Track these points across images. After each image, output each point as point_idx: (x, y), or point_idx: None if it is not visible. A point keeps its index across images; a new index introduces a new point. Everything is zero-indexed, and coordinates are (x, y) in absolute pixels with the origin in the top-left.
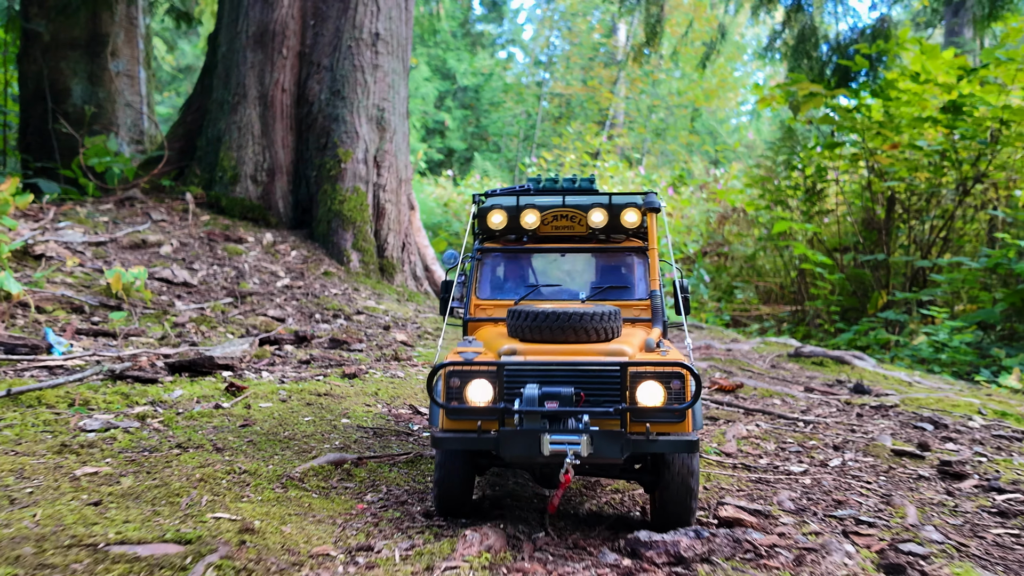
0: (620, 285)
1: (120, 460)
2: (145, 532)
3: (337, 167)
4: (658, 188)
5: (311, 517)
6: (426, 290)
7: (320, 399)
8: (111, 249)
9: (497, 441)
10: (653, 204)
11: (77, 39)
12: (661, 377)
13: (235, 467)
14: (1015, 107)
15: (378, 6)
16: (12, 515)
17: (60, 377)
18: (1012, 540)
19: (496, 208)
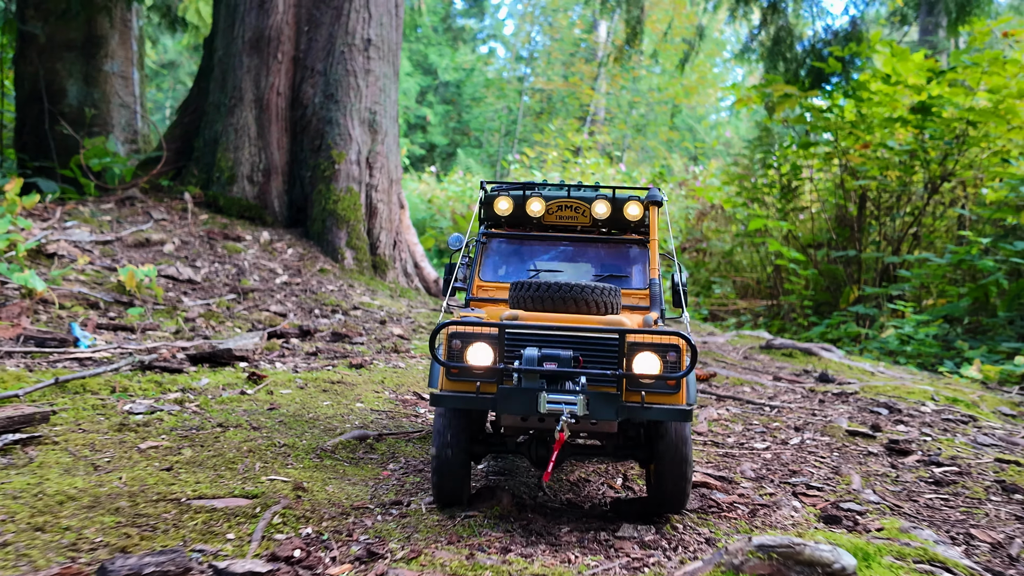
0: (620, 274)
1: (173, 436)
2: (215, 490)
3: (331, 168)
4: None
5: (347, 480)
6: (416, 286)
7: (334, 386)
8: (117, 247)
9: (495, 400)
10: (655, 198)
11: (73, 41)
12: (658, 348)
13: (275, 442)
14: (980, 109)
15: (370, 13)
16: (102, 478)
17: (93, 368)
18: (941, 503)
19: (503, 195)
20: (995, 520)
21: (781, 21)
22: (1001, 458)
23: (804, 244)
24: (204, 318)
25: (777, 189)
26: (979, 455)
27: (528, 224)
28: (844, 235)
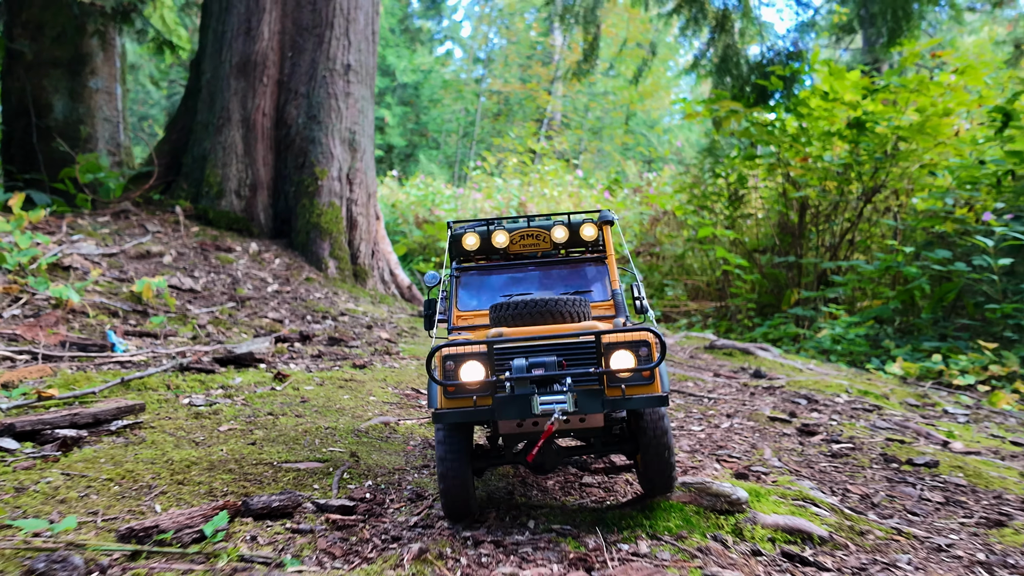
0: (584, 290)
1: (240, 421)
2: (294, 456)
3: (314, 184)
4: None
5: (384, 452)
6: (393, 292)
7: (348, 383)
8: (122, 259)
9: (492, 410)
10: (607, 218)
11: (59, 58)
12: (630, 345)
13: (319, 425)
14: (908, 125)
15: (349, 40)
16: (208, 450)
17: (142, 371)
18: (832, 469)
19: (469, 231)
20: (870, 480)
21: (728, 40)
22: (891, 438)
23: (750, 250)
24: (213, 324)
25: (725, 197)
26: (873, 435)
27: (495, 255)
28: (786, 241)
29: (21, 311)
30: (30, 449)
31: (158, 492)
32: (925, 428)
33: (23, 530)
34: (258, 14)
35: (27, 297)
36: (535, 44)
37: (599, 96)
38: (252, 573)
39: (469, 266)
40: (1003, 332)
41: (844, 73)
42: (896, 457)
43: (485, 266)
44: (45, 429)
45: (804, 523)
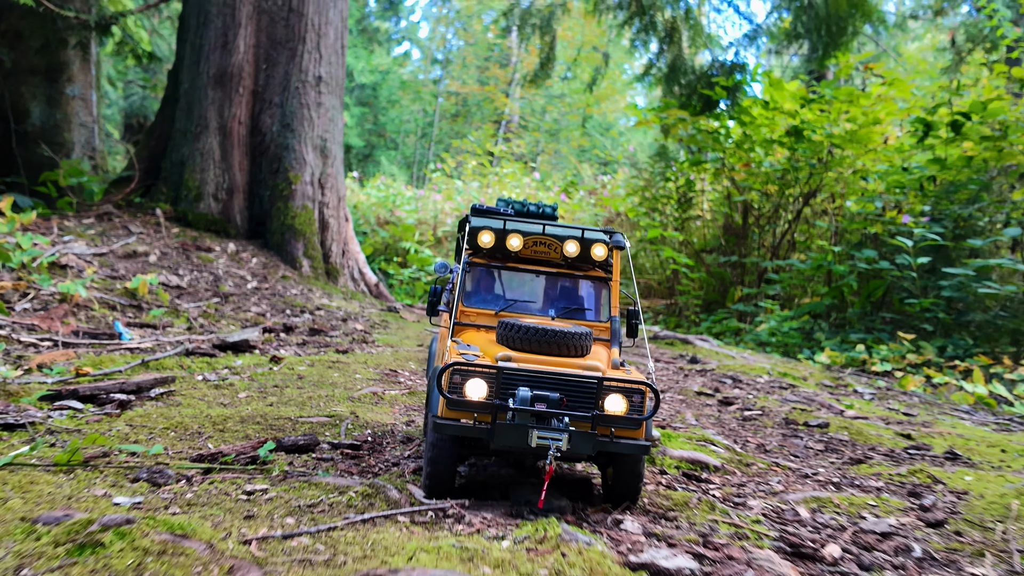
0: (584, 307)
1: (253, 391)
2: (306, 414)
3: (288, 188)
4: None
5: (376, 412)
6: (362, 290)
7: (335, 364)
8: (111, 259)
9: (490, 431)
10: (619, 244)
11: (37, 66)
12: (626, 391)
13: (320, 394)
14: (841, 134)
15: (320, 53)
16: (236, 409)
17: (154, 355)
18: (740, 428)
19: (486, 229)
20: (768, 436)
21: (677, 50)
22: (796, 407)
23: (698, 250)
24: (203, 317)
25: (674, 200)
26: (782, 406)
27: (506, 256)
28: (731, 242)
29: (31, 305)
30: (93, 408)
31: (206, 436)
32: (829, 401)
33: (123, 453)
34: (234, 29)
35: (34, 292)
36: (493, 46)
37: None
38: (297, 478)
39: (479, 263)
40: (921, 325)
41: (783, 84)
42: (795, 420)
43: (495, 266)
44: (101, 394)
45: (703, 456)
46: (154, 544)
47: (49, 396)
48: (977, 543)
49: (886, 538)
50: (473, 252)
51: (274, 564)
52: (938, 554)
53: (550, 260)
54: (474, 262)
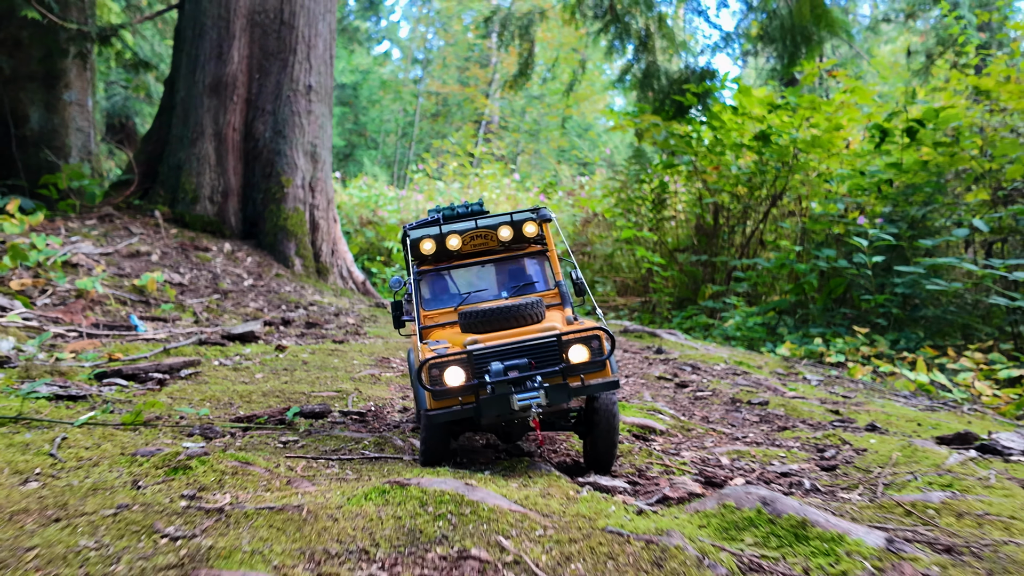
0: (532, 281)
1: (267, 373)
2: (316, 390)
3: (281, 191)
4: (531, 193)
5: (377, 389)
6: (351, 287)
7: (334, 352)
8: (117, 258)
9: (477, 408)
10: (545, 216)
11: (35, 73)
12: (584, 340)
13: (324, 375)
14: (805, 139)
15: (310, 64)
16: (257, 386)
17: (162, 344)
18: (688, 403)
19: (426, 237)
20: (713, 410)
21: (651, 57)
22: (744, 389)
23: (671, 249)
24: (207, 312)
25: (649, 201)
26: (732, 388)
27: (450, 256)
28: (703, 241)
29: (50, 300)
30: (136, 385)
31: (237, 406)
32: (776, 385)
33: (176, 415)
34: (229, 40)
35: (51, 289)
36: (472, 46)
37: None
38: (320, 431)
39: (428, 269)
40: (876, 320)
41: (751, 91)
42: (740, 399)
43: (443, 268)
44: (140, 373)
45: (651, 422)
46: (227, 467)
47: (98, 375)
48: (855, 481)
49: (785, 476)
50: (420, 261)
51: (318, 480)
52: (823, 487)
53: (490, 249)
54: (423, 270)
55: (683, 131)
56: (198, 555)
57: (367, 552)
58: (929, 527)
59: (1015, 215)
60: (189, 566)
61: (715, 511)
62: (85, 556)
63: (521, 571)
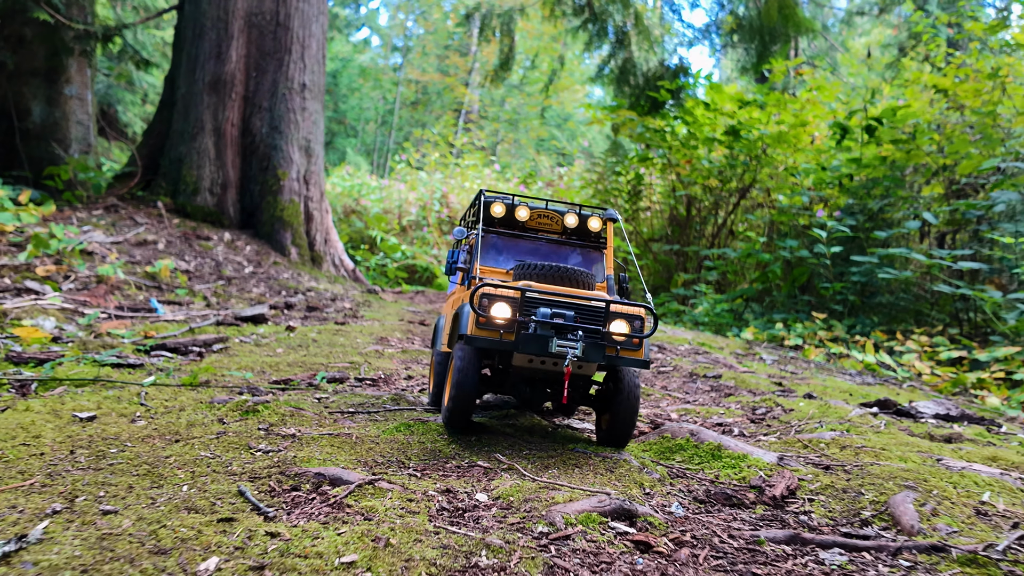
0: (584, 270)
1: (285, 348)
2: (331, 362)
3: (277, 184)
4: (511, 183)
5: (382, 361)
6: (343, 275)
7: (339, 332)
8: (126, 246)
9: (515, 343)
10: (612, 217)
11: (38, 68)
12: (628, 317)
13: (334, 350)
14: (772, 134)
15: (304, 63)
16: (282, 358)
17: (197, 323)
18: (652, 377)
19: (498, 202)
20: (672, 381)
21: (627, 54)
22: (702, 365)
23: (646, 239)
24: (215, 296)
25: (625, 191)
26: (692, 365)
27: (515, 226)
28: (676, 231)
29: (73, 285)
30: (180, 356)
31: (269, 373)
32: (732, 363)
33: (225, 377)
34: (227, 41)
35: (73, 275)
36: (452, 35)
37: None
38: (343, 391)
39: (495, 230)
40: (834, 306)
41: (722, 88)
42: (697, 373)
43: (508, 233)
44: (181, 347)
45: None
46: (285, 411)
47: (148, 348)
48: (775, 428)
49: (720, 425)
50: (488, 223)
51: (355, 419)
52: (748, 433)
53: (552, 231)
54: (488, 230)
55: (658, 125)
56: (286, 460)
57: (403, 462)
58: (817, 454)
59: (963, 209)
60: (283, 466)
61: (656, 441)
62: (207, 461)
63: (513, 474)
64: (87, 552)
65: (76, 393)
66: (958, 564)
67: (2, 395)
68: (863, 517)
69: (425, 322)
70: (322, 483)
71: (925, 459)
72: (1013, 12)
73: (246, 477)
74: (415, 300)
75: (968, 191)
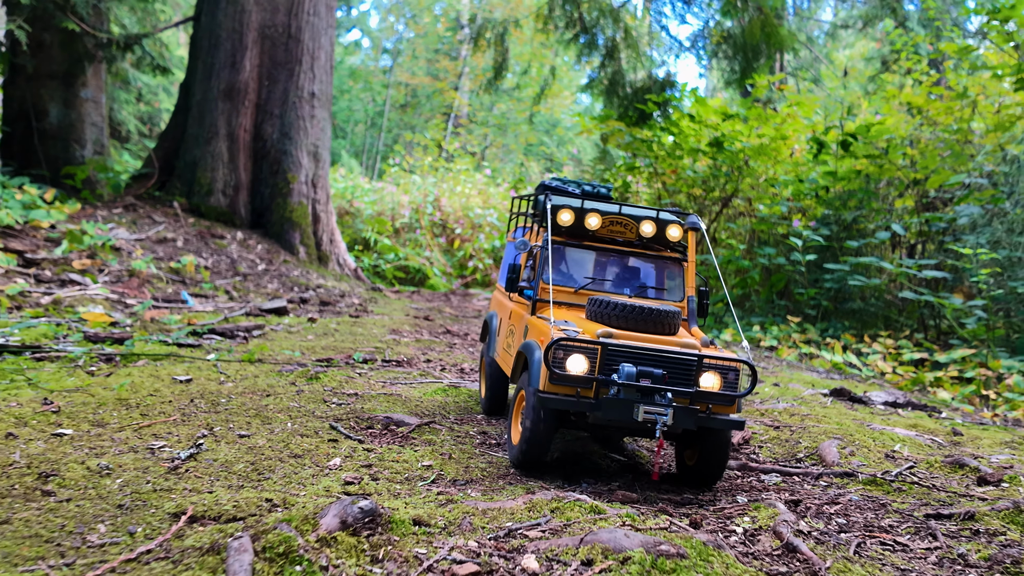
0: (661, 287)
1: (317, 334)
2: (358, 346)
3: (287, 187)
4: (501, 188)
5: (401, 348)
6: (347, 273)
7: (356, 324)
8: (148, 243)
9: (595, 405)
10: (695, 225)
11: (56, 72)
12: (721, 369)
13: (356, 339)
14: (754, 146)
15: (314, 73)
16: (315, 342)
17: (230, 313)
18: None
19: (566, 207)
20: None
21: (616, 67)
22: None
23: None
24: (235, 290)
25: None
26: None
27: (584, 235)
28: None
29: (108, 278)
30: (228, 339)
31: (309, 354)
32: None
33: (274, 355)
34: (241, 51)
35: (107, 269)
36: (442, 38)
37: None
38: (377, 369)
39: (562, 241)
40: (808, 311)
41: (706, 101)
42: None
43: (578, 245)
44: (227, 332)
45: None
46: (342, 378)
47: (200, 332)
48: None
49: None
50: (553, 231)
51: (396, 386)
52: None
53: (626, 239)
54: (557, 241)
55: (645, 136)
56: (356, 410)
57: (445, 414)
58: (770, 419)
59: (928, 221)
60: (356, 413)
61: None
62: (297, 409)
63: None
64: (243, 456)
65: (156, 366)
66: (862, 484)
67: (100, 365)
68: (798, 457)
69: (429, 317)
70: (389, 424)
71: (857, 425)
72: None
73: (331, 419)
74: (413, 298)
75: (938, 204)
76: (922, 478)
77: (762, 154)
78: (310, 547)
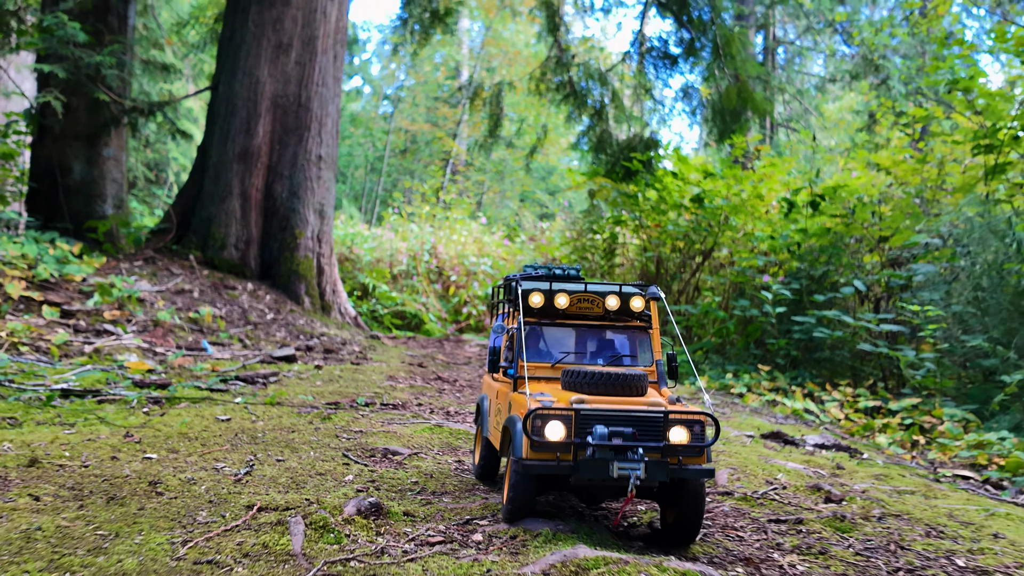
0: (630, 354)
1: (324, 380)
2: (360, 391)
3: (294, 242)
4: (496, 236)
5: (397, 393)
6: (348, 322)
7: (357, 370)
8: (168, 294)
9: (573, 467)
10: (654, 295)
11: (80, 132)
12: (687, 423)
13: (358, 385)
14: (732, 204)
15: (321, 138)
16: (322, 389)
17: (246, 360)
18: None
19: (536, 291)
20: None
21: (604, 126)
22: None
23: None
24: (248, 339)
25: (601, 249)
26: None
27: (555, 314)
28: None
29: (135, 328)
30: (250, 385)
31: (319, 397)
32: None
33: (291, 398)
34: (255, 118)
35: (133, 319)
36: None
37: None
38: (377, 411)
39: (536, 322)
40: (778, 360)
41: (687, 160)
42: None
43: (551, 323)
44: (248, 378)
45: None
46: (349, 419)
47: (226, 379)
48: None
49: None
50: (525, 313)
51: (392, 425)
52: None
53: (593, 314)
54: (531, 322)
55: (631, 191)
56: (362, 443)
57: (431, 447)
58: None
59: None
60: (361, 445)
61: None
62: (316, 442)
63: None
64: (283, 473)
65: (196, 407)
66: (735, 500)
67: (150, 407)
68: None
69: (423, 364)
70: (387, 453)
71: (760, 460)
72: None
73: (342, 450)
74: (409, 345)
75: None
76: (783, 497)
77: (740, 211)
78: (338, 524)
